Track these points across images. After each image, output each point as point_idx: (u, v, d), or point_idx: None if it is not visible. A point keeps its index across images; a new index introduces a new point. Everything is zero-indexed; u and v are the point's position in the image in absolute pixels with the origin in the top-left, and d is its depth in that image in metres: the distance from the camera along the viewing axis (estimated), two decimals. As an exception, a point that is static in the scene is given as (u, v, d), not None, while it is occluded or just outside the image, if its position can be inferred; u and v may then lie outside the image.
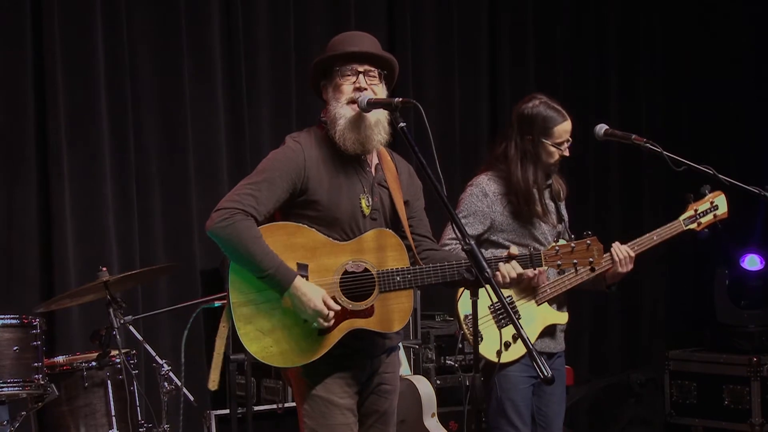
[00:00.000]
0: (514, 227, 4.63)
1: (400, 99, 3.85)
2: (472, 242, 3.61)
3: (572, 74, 8.18)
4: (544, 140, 4.57)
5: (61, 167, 6.03)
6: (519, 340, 4.44)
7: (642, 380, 6.48)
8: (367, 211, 4.00)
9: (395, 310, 3.98)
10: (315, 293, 3.85)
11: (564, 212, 4.82)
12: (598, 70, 8.37)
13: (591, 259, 4.28)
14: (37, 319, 5.01)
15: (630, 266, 4.62)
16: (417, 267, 3.98)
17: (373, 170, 4.09)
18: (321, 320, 3.86)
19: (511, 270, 4.18)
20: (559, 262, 4.27)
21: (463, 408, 5.43)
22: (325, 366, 3.97)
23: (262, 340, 3.88)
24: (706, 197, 4.64)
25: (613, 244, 4.61)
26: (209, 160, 6.62)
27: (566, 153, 4.64)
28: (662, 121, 8.41)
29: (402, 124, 3.79)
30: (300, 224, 3.93)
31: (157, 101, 6.47)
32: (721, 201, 4.65)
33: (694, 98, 8.44)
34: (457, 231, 3.67)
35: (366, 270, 3.94)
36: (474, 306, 3.67)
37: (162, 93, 6.49)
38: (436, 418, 5.85)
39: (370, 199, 4.00)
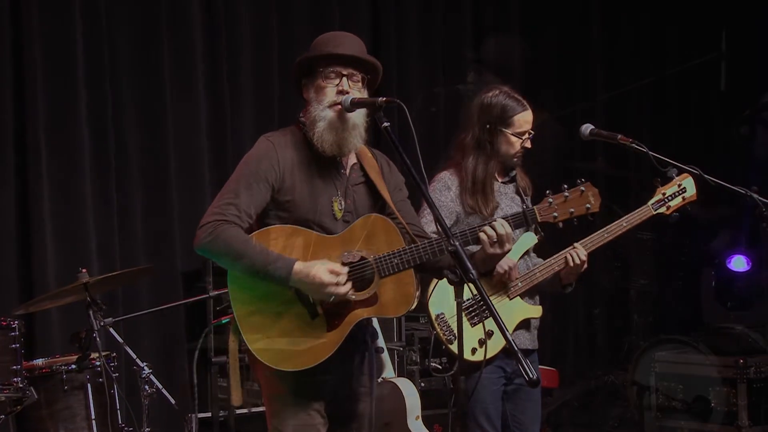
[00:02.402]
0: (478, 221, 4.42)
1: (384, 99, 3.83)
2: (457, 243, 3.58)
3: (557, 75, 8.18)
4: (503, 129, 4.53)
5: (40, 168, 5.99)
6: (490, 340, 4.39)
7: (628, 382, 6.45)
8: (339, 214, 4.00)
9: (399, 294, 3.94)
10: (317, 267, 3.80)
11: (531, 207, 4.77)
12: (583, 77, 8.37)
13: (588, 206, 4.16)
14: (16, 322, 4.95)
15: (583, 267, 4.57)
16: (412, 245, 3.94)
17: (347, 171, 4.08)
18: (333, 289, 3.80)
19: (499, 226, 4.00)
20: (555, 214, 4.11)
21: (448, 411, 5.40)
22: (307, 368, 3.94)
23: (274, 348, 3.85)
24: (674, 180, 4.61)
25: (576, 245, 4.59)
26: (190, 160, 6.58)
27: (527, 144, 4.59)
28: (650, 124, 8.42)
29: (386, 124, 3.77)
30: (286, 225, 3.91)
31: (138, 101, 6.44)
32: (688, 183, 4.62)
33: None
34: (441, 230, 3.65)
35: (362, 258, 3.91)
36: (458, 308, 3.63)
37: (143, 93, 6.46)
38: (420, 420, 5.82)
39: (342, 202, 4.00)
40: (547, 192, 4.19)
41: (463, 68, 7.81)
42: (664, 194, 4.62)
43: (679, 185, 4.62)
